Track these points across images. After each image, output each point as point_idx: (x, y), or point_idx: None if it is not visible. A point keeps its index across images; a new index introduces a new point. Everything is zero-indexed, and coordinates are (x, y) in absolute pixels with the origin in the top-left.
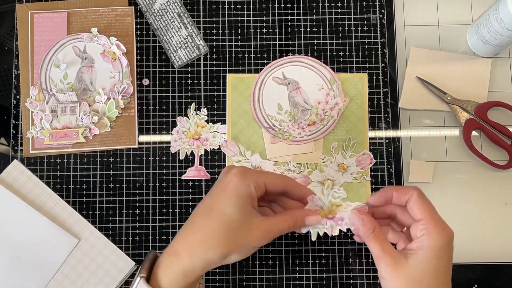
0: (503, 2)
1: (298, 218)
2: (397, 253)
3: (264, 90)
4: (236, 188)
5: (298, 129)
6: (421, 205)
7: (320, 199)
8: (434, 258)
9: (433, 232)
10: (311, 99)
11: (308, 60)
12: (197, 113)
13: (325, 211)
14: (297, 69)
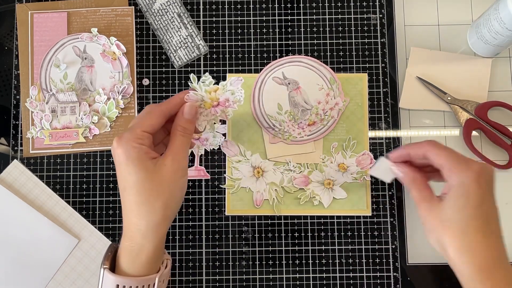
0: (503, 2)
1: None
2: (433, 198)
3: (264, 90)
4: (124, 157)
5: (298, 129)
6: (438, 153)
7: (196, 94)
8: (460, 196)
9: (455, 173)
10: (311, 99)
11: (308, 60)
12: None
13: (208, 102)
14: (297, 69)
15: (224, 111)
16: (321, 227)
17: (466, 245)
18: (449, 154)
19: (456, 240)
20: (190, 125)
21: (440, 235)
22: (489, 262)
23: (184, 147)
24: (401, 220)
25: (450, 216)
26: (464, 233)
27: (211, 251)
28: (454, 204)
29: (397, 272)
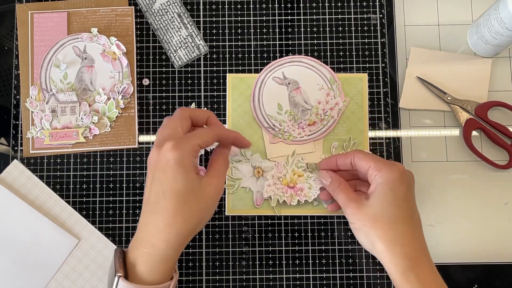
0: (503, 2)
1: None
2: (360, 198)
3: (264, 90)
4: (177, 163)
5: (298, 129)
6: (364, 157)
7: (285, 167)
8: (388, 191)
9: (382, 170)
10: (311, 99)
11: (308, 60)
12: None
13: (287, 180)
14: (297, 69)
15: (292, 195)
16: (321, 227)
17: (396, 236)
18: (375, 157)
19: (386, 232)
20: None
21: (369, 231)
22: (417, 251)
23: (226, 172)
24: None
25: (380, 210)
26: (394, 224)
27: (211, 251)
28: (383, 199)
29: None
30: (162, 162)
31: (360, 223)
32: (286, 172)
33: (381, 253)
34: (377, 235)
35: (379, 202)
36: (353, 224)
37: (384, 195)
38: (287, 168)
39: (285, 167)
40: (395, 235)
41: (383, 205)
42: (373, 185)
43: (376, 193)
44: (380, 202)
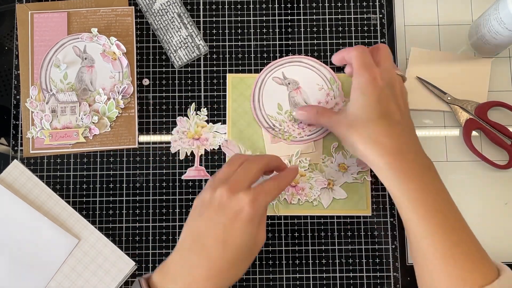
0: (503, 2)
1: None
2: (339, 113)
3: (264, 90)
4: (251, 219)
5: (298, 129)
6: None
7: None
8: (360, 95)
9: (355, 74)
10: (311, 99)
11: (308, 60)
12: (197, 113)
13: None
14: (297, 69)
15: (293, 194)
16: (321, 227)
17: (368, 134)
18: (360, 59)
19: (360, 133)
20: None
21: (349, 137)
22: (395, 148)
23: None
24: (401, 220)
25: (354, 115)
26: (366, 125)
27: None
28: (355, 104)
29: (397, 272)
30: (233, 210)
31: (342, 133)
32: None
33: (362, 154)
34: (353, 138)
35: (353, 108)
36: (339, 137)
37: (356, 101)
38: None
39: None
40: (368, 134)
41: (356, 110)
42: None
43: (350, 100)
44: (353, 108)
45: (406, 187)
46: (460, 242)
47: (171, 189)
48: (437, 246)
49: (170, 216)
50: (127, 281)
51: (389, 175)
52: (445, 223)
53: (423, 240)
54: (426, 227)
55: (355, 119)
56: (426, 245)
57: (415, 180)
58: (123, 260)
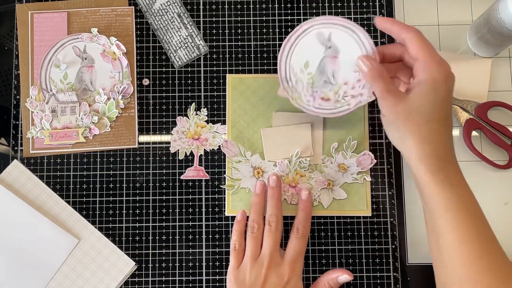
0: (503, 2)
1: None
2: (399, 92)
3: (302, 39)
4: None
5: (310, 97)
6: (417, 44)
7: (287, 166)
8: (431, 90)
9: (429, 67)
10: (340, 75)
11: (364, 38)
12: (197, 113)
13: (289, 179)
14: (348, 38)
15: (293, 194)
16: (321, 227)
17: (428, 133)
18: (429, 49)
19: (419, 128)
20: None
21: (402, 124)
22: (447, 153)
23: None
24: (401, 220)
25: (417, 107)
26: (428, 122)
27: (211, 251)
28: (423, 97)
29: (397, 272)
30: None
31: (393, 116)
32: (288, 172)
33: (409, 149)
34: (408, 130)
35: (419, 99)
36: (386, 116)
37: (425, 94)
38: (290, 168)
39: (288, 166)
40: (427, 132)
41: (422, 102)
42: (416, 79)
43: (417, 90)
44: (420, 99)
45: (450, 193)
46: (494, 251)
47: (171, 189)
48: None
49: (170, 216)
50: (127, 281)
51: (435, 178)
52: (481, 231)
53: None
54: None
55: (419, 111)
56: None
57: (459, 187)
58: (123, 260)
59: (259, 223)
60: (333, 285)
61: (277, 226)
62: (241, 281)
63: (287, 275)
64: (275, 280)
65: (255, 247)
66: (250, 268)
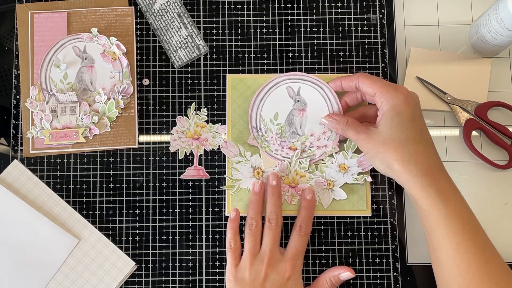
0: (503, 2)
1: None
2: (369, 129)
3: (273, 92)
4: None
5: (278, 146)
6: (369, 83)
7: (288, 166)
8: (395, 115)
9: (386, 95)
10: (307, 126)
11: (330, 94)
12: (197, 113)
13: (289, 179)
14: (315, 94)
15: (293, 195)
16: (321, 227)
17: (409, 155)
18: (379, 82)
19: (399, 153)
20: None
21: (383, 155)
22: (433, 168)
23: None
24: (401, 220)
25: (389, 134)
26: (404, 145)
27: (211, 251)
28: (390, 124)
29: (397, 272)
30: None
31: (373, 151)
32: (288, 172)
33: (398, 174)
34: (391, 158)
35: (388, 127)
36: (367, 154)
37: (391, 120)
38: (290, 168)
39: (288, 166)
40: (408, 154)
41: (391, 129)
42: (380, 112)
43: (383, 119)
44: (388, 127)
45: (444, 206)
46: (492, 258)
47: (171, 189)
48: (471, 262)
49: (170, 216)
50: (127, 281)
51: (429, 194)
52: (477, 240)
53: (457, 256)
54: (461, 243)
55: (391, 138)
56: (459, 261)
57: (451, 199)
58: (123, 260)
59: (258, 221)
60: (335, 283)
61: (277, 223)
62: (240, 279)
63: (288, 272)
64: (276, 277)
65: (253, 244)
66: (249, 265)
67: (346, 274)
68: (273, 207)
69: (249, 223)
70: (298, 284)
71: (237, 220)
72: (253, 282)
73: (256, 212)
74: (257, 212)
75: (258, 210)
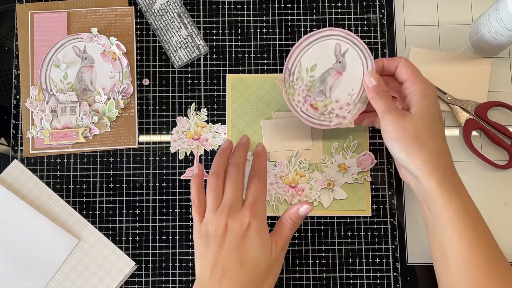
0: (503, 2)
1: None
2: (402, 110)
3: (319, 43)
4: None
5: (302, 99)
6: (409, 66)
7: (287, 166)
8: (430, 105)
9: (421, 84)
10: (334, 91)
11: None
12: (197, 113)
13: (289, 179)
14: (358, 62)
15: (293, 195)
16: (321, 227)
17: (435, 147)
18: (417, 71)
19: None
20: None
21: (411, 140)
22: (451, 165)
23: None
24: (401, 220)
25: (423, 123)
26: (435, 138)
27: None
28: (426, 113)
29: (397, 272)
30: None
31: (402, 132)
32: (288, 172)
33: (419, 164)
34: (418, 146)
35: (423, 115)
36: (391, 133)
37: (426, 109)
38: (290, 168)
39: (288, 166)
40: (435, 147)
41: (427, 118)
42: (411, 98)
43: (418, 106)
44: (424, 115)
45: (461, 202)
46: (500, 258)
47: (171, 189)
48: (480, 261)
49: (170, 216)
50: (127, 281)
51: (447, 189)
52: (487, 239)
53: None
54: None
55: (425, 128)
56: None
57: (466, 196)
58: (123, 260)
59: (220, 174)
60: (295, 219)
61: (238, 172)
62: (205, 235)
63: (247, 220)
64: (236, 227)
65: (215, 198)
66: (211, 219)
67: (304, 207)
68: (236, 157)
69: (211, 177)
70: (261, 230)
71: (200, 175)
72: (215, 236)
73: (219, 167)
74: (220, 166)
75: (222, 165)
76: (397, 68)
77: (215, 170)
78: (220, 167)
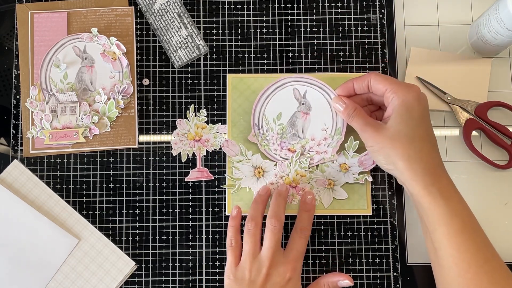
0: (503, 2)
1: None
2: (377, 122)
3: (279, 92)
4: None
5: (278, 146)
6: (381, 80)
7: (288, 166)
8: (405, 111)
9: (398, 92)
10: (308, 131)
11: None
12: (197, 115)
13: (289, 179)
14: (321, 98)
15: (293, 195)
16: (321, 227)
17: (415, 153)
18: (391, 79)
19: (406, 150)
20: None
21: (389, 151)
22: (436, 168)
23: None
24: (401, 220)
25: (398, 131)
26: (412, 142)
27: (211, 251)
28: (400, 120)
29: (397, 272)
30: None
31: (379, 145)
32: (289, 172)
33: (401, 171)
34: (397, 154)
35: (397, 123)
36: (372, 147)
37: (401, 116)
38: (290, 168)
39: (289, 166)
40: (414, 152)
41: (401, 125)
42: (390, 108)
43: (393, 115)
44: (397, 123)
45: (445, 205)
46: (491, 258)
47: (171, 189)
48: (471, 262)
49: (170, 216)
50: (127, 281)
51: (430, 193)
52: (477, 239)
53: (458, 255)
54: (462, 242)
55: (399, 134)
56: (460, 261)
57: (452, 198)
58: (123, 260)
59: (258, 221)
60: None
61: (280, 227)
62: (240, 279)
63: (289, 274)
64: (277, 279)
65: (253, 244)
66: (249, 266)
67: (345, 282)
68: (277, 207)
69: (249, 222)
70: (297, 286)
71: (238, 218)
72: (253, 283)
73: (258, 212)
74: (258, 212)
75: (260, 211)
76: (370, 85)
77: (253, 217)
78: (258, 214)
